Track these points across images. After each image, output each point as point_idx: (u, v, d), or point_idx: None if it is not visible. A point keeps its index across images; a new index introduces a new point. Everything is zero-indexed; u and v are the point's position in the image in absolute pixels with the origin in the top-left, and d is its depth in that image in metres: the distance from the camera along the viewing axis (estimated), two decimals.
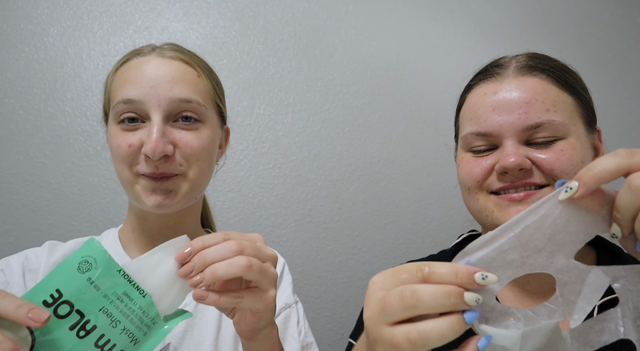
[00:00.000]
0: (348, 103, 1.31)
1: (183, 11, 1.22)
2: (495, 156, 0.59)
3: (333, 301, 1.20)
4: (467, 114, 0.64)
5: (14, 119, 1.07)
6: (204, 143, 0.65)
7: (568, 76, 0.63)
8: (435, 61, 1.42)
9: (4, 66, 1.08)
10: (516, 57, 0.66)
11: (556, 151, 0.56)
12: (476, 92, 0.64)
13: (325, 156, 1.27)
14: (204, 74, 0.68)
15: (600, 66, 1.60)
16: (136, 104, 0.61)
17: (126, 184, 0.63)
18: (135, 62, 0.65)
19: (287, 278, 0.78)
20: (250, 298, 0.47)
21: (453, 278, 0.34)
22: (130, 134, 0.62)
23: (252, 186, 1.20)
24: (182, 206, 0.65)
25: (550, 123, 0.57)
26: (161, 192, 0.61)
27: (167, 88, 0.61)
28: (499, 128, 0.58)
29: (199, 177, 0.65)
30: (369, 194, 1.28)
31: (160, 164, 0.60)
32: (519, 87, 0.59)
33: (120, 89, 0.63)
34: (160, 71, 0.63)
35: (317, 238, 1.22)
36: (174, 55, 0.65)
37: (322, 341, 1.17)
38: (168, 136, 0.61)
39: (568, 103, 0.60)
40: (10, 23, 1.10)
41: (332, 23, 1.33)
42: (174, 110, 0.62)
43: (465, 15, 1.48)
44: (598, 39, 1.62)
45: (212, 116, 0.68)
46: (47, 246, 0.69)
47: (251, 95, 1.24)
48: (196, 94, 0.65)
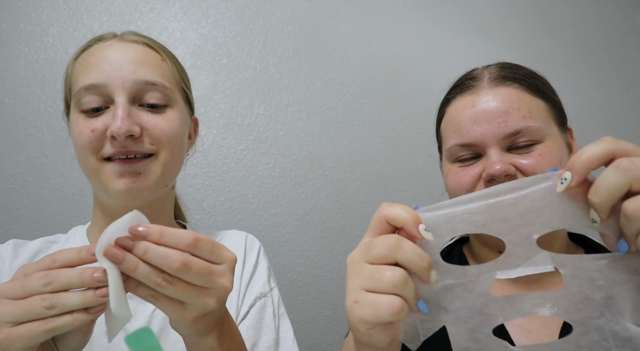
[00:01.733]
0: (348, 103, 1.31)
1: (183, 11, 1.22)
2: (481, 164, 0.63)
3: (333, 301, 1.20)
4: (449, 127, 0.67)
5: (14, 119, 1.07)
6: (174, 125, 0.62)
7: (538, 82, 0.68)
8: (435, 61, 1.42)
9: (4, 66, 1.08)
10: (487, 68, 0.70)
11: (536, 156, 0.60)
12: (455, 105, 0.67)
13: (325, 155, 1.27)
14: (169, 59, 0.66)
15: (600, 66, 1.60)
16: (99, 88, 0.58)
17: (91, 173, 0.60)
18: (96, 48, 0.62)
19: (263, 263, 0.75)
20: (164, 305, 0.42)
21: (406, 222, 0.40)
22: (92, 120, 0.58)
23: (252, 186, 1.20)
24: (152, 193, 0.62)
25: (529, 129, 0.61)
26: (130, 175, 0.58)
27: (130, 70, 0.59)
28: (481, 138, 0.62)
29: (170, 160, 0.62)
30: (369, 194, 1.28)
31: (129, 143, 0.57)
32: (495, 98, 0.63)
33: (82, 75, 0.60)
34: (122, 54, 0.60)
35: (317, 237, 1.22)
36: (137, 39, 0.64)
37: (322, 341, 1.17)
38: (134, 116, 0.58)
39: (541, 108, 0.65)
40: (10, 23, 1.10)
41: (332, 23, 1.33)
42: (139, 92, 0.60)
43: (465, 15, 1.48)
44: (598, 39, 1.62)
45: (179, 101, 0.66)
46: (11, 247, 0.66)
47: (251, 95, 1.24)
48: (161, 76, 0.62)
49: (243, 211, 1.18)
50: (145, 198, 0.61)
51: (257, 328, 0.68)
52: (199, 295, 0.42)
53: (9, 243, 0.66)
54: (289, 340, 0.72)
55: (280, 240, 1.20)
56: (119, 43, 0.62)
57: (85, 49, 0.64)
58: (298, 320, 1.16)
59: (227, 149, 1.20)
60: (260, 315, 0.70)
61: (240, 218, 1.18)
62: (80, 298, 0.39)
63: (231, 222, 1.17)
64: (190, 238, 0.41)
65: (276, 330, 0.70)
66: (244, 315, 0.69)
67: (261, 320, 0.69)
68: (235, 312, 0.68)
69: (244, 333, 0.67)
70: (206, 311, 0.43)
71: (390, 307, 0.37)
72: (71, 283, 0.39)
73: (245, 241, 0.77)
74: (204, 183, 1.17)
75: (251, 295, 0.71)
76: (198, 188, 1.16)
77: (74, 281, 0.39)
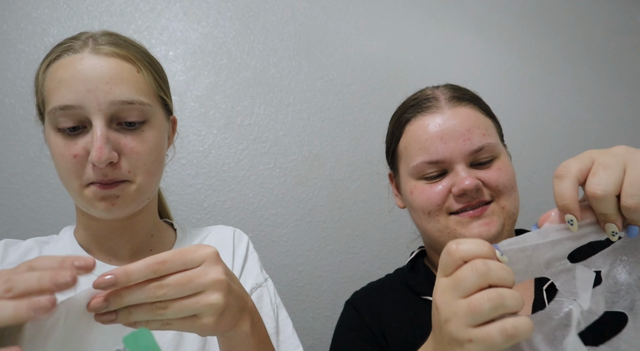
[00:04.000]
0: (348, 103, 1.31)
1: (183, 11, 1.22)
2: (449, 179, 0.67)
3: (333, 301, 1.20)
4: (413, 145, 0.70)
5: (14, 119, 1.07)
6: (150, 146, 0.62)
7: (483, 103, 0.73)
8: (435, 60, 1.42)
9: (4, 66, 1.08)
10: (438, 88, 0.74)
11: (496, 170, 0.66)
12: (418, 124, 0.70)
13: (325, 155, 1.27)
14: (144, 68, 0.64)
15: (600, 66, 1.60)
16: (74, 109, 0.57)
17: (73, 192, 0.61)
18: (67, 60, 0.60)
19: (253, 256, 0.77)
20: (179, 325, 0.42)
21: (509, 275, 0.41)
22: (72, 143, 0.59)
23: (253, 186, 1.20)
24: (133, 210, 0.64)
25: (489, 145, 0.66)
26: (109, 197, 0.59)
27: (105, 90, 0.58)
28: (449, 155, 0.66)
29: (147, 181, 0.63)
30: (369, 194, 1.28)
31: (108, 171, 0.58)
32: (456, 117, 0.68)
33: (55, 93, 0.59)
34: (96, 72, 0.59)
35: (317, 237, 1.22)
36: (110, 52, 0.61)
37: (322, 341, 1.17)
38: (112, 141, 0.59)
39: (492, 126, 0.71)
40: (10, 23, 1.10)
41: (332, 23, 1.33)
42: (116, 113, 0.59)
43: (465, 15, 1.48)
44: (598, 38, 1.62)
45: (157, 112, 0.65)
46: (2, 246, 0.66)
47: (251, 95, 1.24)
48: (138, 93, 0.61)
49: (243, 211, 1.18)
50: (127, 213, 0.64)
51: None
52: (198, 301, 0.42)
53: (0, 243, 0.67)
54: (289, 326, 0.73)
55: (280, 240, 1.20)
56: (90, 57, 0.60)
57: (56, 58, 0.61)
58: (298, 320, 1.16)
59: (227, 149, 1.20)
60: (258, 304, 0.71)
61: (241, 217, 1.18)
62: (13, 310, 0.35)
63: (231, 222, 1.17)
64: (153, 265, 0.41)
65: (275, 318, 0.71)
66: None
67: (260, 309, 0.70)
68: None
69: None
70: (220, 309, 0.43)
71: (504, 333, 0.37)
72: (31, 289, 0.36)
73: (233, 234, 0.78)
74: (204, 183, 1.17)
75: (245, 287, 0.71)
76: (198, 188, 1.16)
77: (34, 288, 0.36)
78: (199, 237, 0.76)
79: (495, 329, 0.38)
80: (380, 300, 0.76)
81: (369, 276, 1.20)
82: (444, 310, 0.41)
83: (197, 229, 0.79)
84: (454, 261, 0.41)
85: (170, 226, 0.78)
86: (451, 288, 0.40)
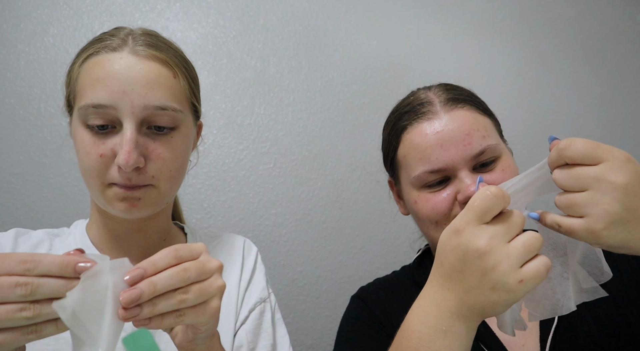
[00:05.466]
0: (348, 103, 1.31)
1: (183, 11, 1.22)
2: (452, 187, 0.65)
3: (333, 301, 1.20)
4: (413, 154, 0.68)
5: (14, 119, 1.07)
6: (177, 153, 0.62)
7: (479, 101, 0.71)
8: (435, 60, 1.42)
9: (4, 66, 1.08)
10: (430, 89, 0.72)
11: (499, 171, 0.65)
12: (414, 132, 0.68)
13: (325, 155, 1.27)
14: (181, 73, 0.64)
15: (600, 66, 1.60)
16: (107, 109, 0.57)
17: (94, 190, 0.61)
18: (106, 58, 0.59)
19: (260, 268, 0.76)
20: (192, 315, 0.44)
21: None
22: (100, 142, 0.58)
23: (253, 186, 1.20)
24: (151, 212, 0.64)
25: (489, 147, 0.64)
26: (131, 199, 0.59)
27: (141, 94, 0.58)
28: (451, 162, 0.64)
29: (169, 187, 0.63)
30: (369, 194, 1.28)
31: (133, 175, 0.58)
32: (454, 121, 0.65)
33: (89, 90, 0.58)
34: (133, 73, 0.58)
35: (317, 237, 1.22)
36: (149, 54, 0.60)
37: (322, 341, 1.17)
38: (141, 145, 0.59)
39: (491, 125, 0.68)
40: (10, 23, 1.10)
41: (332, 23, 1.33)
42: (148, 117, 0.59)
43: (465, 15, 1.48)
44: (598, 38, 1.62)
45: (186, 118, 0.65)
46: (12, 235, 0.65)
47: (251, 95, 1.24)
48: (172, 100, 0.61)
49: (243, 211, 1.18)
50: (146, 215, 0.64)
51: (256, 333, 0.69)
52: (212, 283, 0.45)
53: (11, 231, 0.66)
54: (285, 345, 0.72)
55: (280, 240, 1.20)
56: (130, 57, 0.59)
57: (94, 53, 0.60)
58: (298, 320, 1.16)
59: (227, 149, 1.20)
60: (259, 320, 0.70)
61: (241, 217, 1.18)
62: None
63: (231, 222, 1.17)
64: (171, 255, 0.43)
65: (273, 335, 0.71)
66: (243, 319, 0.69)
67: (260, 325, 0.70)
68: (234, 316, 0.69)
69: (242, 337, 0.67)
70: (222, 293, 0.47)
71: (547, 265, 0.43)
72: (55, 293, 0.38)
73: (243, 245, 0.78)
74: (204, 183, 1.17)
75: (251, 299, 0.71)
76: (198, 187, 1.16)
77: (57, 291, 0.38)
78: (209, 245, 0.76)
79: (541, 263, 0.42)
80: (388, 294, 0.76)
81: (369, 276, 1.20)
82: (494, 254, 0.42)
83: (208, 237, 0.80)
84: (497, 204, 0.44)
85: (180, 230, 0.78)
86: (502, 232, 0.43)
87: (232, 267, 0.73)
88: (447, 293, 0.46)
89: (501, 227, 0.43)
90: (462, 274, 0.45)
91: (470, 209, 0.44)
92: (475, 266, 0.43)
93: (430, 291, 0.48)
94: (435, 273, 0.48)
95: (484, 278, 0.43)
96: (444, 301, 0.46)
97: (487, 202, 0.44)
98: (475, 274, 0.43)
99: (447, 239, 0.46)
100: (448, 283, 0.46)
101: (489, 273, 0.42)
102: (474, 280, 0.44)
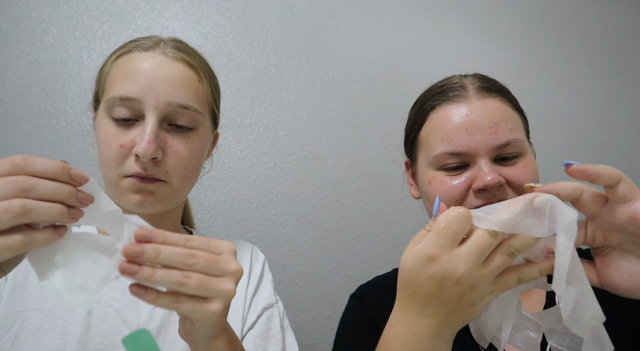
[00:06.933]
0: (348, 103, 1.31)
1: (183, 11, 1.22)
2: (470, 173, 0.63)
3: (333, 301, 1.20)
4: (436, 133, 0.66)
5: (14, 119, 1.07)
6: (193, 152, 0.65)
7: (512, 97, 0.70)
8: (435, 60, 1.42)
9: (4, 66, 1.08)
10: (466, 77, 0.71)
11: (520, 168, 0.63)
12: (442, 112, 0.67)
13: (325, 155, 1.27)
14: (205, 79, 0.67)
15: (601, 66, 1.60)
16: (133, 102, 0.60)
17: (109, 181, 0.63)
18: (137, 56, 0.63)
19: (268, 276, 0.77)
20: (189, 305, 0.43)
21: None
22: (121, 133, 0.61)
23: (253, 186, 1.20)
24: (162, 209, 0.65)
25: (515, 141, 0.63)
26: (144, 192, 0.61)
27: (167, 91, 0.61)
28: (473, 148, 0.62)
29: (182, 185, 0.65)
30: (369, 194, 1.28)
31: (149, 166, 0.60)
32: (484, 109, 0.64)
33: (119, 83, 0.61)
34: (162, 71, 0.62)
35: (317, 237, 1.22)
36: (178, 56, 0.64)
37: (322, 341, 1.17)
38: (161, 139, 0.61)
39: (520, 122, 0.67)
40: (10, 23, 1.10)
41: (332, 23, 1.33)
42: (170, 114, 0.62)
43: (465, 15, 1.48)
44: (599, 38, 1.62)
45: (206, 123, 0.68)
46: None
47: (251, 94, 1.24)
48: (194, 101, 0.64)
49: (243, 211, 1.18)
50: (156, 211, 0.65)
51: (265, 338, 0.69)
52: (219, 282, 0.44)
53: None
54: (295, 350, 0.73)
55: (280, 240, 1.20)
56: (160, 57, 0.63)
57: (127, 52, 0.64)
58: (298, 320, 1.16)
59: (227, 149, 1.20)
60: (267, 325, 0.71)
61: (241, 217, 1.18)
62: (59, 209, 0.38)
63: (231, 222, 1.17)
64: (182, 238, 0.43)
65: (282, 340, 0.71)
66: (250, 325, 0.70)
67: (268, 330, 0.71)
68: (241, 322, 0.69)
69: (251, 343, 0.68)
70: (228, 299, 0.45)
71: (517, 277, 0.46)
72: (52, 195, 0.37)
73: (251, 252, 0.79)
74: (204, 183, 1.17)
75: (258, 305, 0.72)
76: (198, 187, 1.16)
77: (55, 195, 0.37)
78: None
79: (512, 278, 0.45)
80: (386, 294, 0.76)
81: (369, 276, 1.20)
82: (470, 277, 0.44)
83: None
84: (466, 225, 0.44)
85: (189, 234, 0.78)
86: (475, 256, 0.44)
87: None
88: (425, 319, 0.47)
89: (474, 250, 0.44)
90: (441, 301, 0.45)
91: (442, 234, 0.44)
92: (454, 291, 0.44)
93: (405, 319, 0.48)
94: (408, 302, 0.47)
95: (463, 299, 0.45)
96: (424, 327, 0.47)
97: (458, 223, 0.44)
98: (455, 298, 0.45)
99: (419, 268, 0.45)
100: (426, 311, 0.46)
101: (467, 295, 0.45)
102: (454, 304, 0.45)
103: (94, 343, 0.59)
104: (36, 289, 0.61)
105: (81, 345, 0.58)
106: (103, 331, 0.60)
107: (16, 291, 0.60)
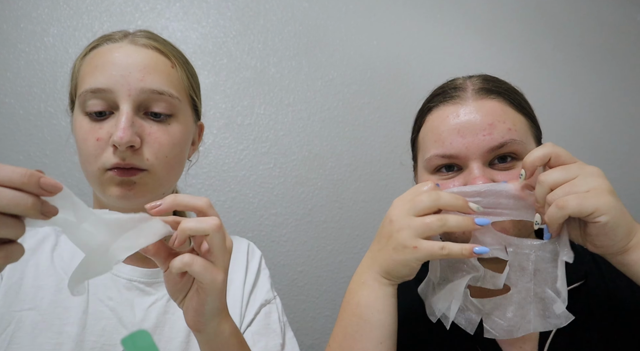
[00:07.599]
0: (348, 103, 1.31)
1: (183, 11, 1.22)
2: (462, 177, 0.61)
3: (333, 301, 1.20)
4: (430, 136, 0.65)
5: (14, 119, 1.07)
6: (173, 139, 0.62)
7: (519, 99, 0.67)
8: (435, 60, 1.42)
9: (4, 66, 1.08)
10: (470, 78, 0.69)
11: (516, 174, 0.59)
12: (437, 114, 0.65)
13: (325, 155, 1.27)
14: (179, 65, 0.65)
15: (601, 66, 1.60)
16: (105, 93, 0.58)
17: (91, 177, 0.61)
18: (106, 48, 0.61)
19: (265, 272, 0.77)
20: (200, 266, 0.47)
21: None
22: (97, 127, 0.59)
23: (253, 186, 1.20)
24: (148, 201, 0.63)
25: (513, 142, 0.60)
26: (126, 184, 0.59)
27: (138, 77, 0.59)
28: (465, 150, 0.60)
29: (166, 174, 0.63)
30: (369, 194, 1.28)
31: (127, 155, 0.58)
32: (480, 110, 0.61)
33: (89, 77, 0.60)
34: (131, 59, 0.60)
35: (317, 237, 1.22)
36: (147, 43, 0.62)
37: (322, 341, 1.17)
38: (137, 126, 0.59)
39: (523, 124, 0.64)
40: (10, 23, 1.10)
41: (332, 23, 1.33)
42: (145, 101, 0.60)
43: (465, 15, 1.48)
44: (598, 38, 1.62)
45: (185, 110, 0.65)
46: None
47: (251, 94, 1.24)
48: (169, 85, 0.62)
49: (243, 211, 1.18)
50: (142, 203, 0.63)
51: (264, 334, 0.69)
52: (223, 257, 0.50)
53: None
54: (295, 346, 0.73)
55: (280, 240, 1.20)
56: (128, 46, 0.62)
57: (94, 47, 0.63)
58: (298, 320, 1.17)
59: (227, 149, 1.20)
60: (266, 321, 0.71)
61: (241, 217, 1.18)
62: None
63: (232, 222, 1.17)
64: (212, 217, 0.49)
65: (282, 335, 0.71)
66: (249, 322, 0.70)
67: (267, 325, 0.70)
68: (239, 319, 0.69)
69: (249, 339, 0.67)
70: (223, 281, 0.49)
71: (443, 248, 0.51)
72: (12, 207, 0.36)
73: (247, 248, 0.78)
74: (204, 183, 1.17)
75: (255, 302, 0.72)
76: (198, 187, 1.16)
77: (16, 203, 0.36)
78: None
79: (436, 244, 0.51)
80: None
81: None
82: (400, 222, 0.54)
83: None
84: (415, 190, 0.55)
85: None
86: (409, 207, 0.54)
87: (236, 269, 0.73)
88: (368, 254, 0.60)
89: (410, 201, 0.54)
90: (378, 237, 0.58)
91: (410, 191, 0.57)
92: (387, 229, 0.56)
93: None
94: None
95: (390, 240, 0.55)
96: (365, 260, 0.61)
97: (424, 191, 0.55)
98: (386, 235, 0.56)
99: None
100: (372, 246, 0.60)
101: (394, 235, 0.54)
102: (384, 242, 0.56)
103: (89, 342, 0.59)
104: (31, 289, 0.61)
105: (77, 344, 0.58)
106: (99, 330, 0.60)
107: (11, 291, 0.60)
